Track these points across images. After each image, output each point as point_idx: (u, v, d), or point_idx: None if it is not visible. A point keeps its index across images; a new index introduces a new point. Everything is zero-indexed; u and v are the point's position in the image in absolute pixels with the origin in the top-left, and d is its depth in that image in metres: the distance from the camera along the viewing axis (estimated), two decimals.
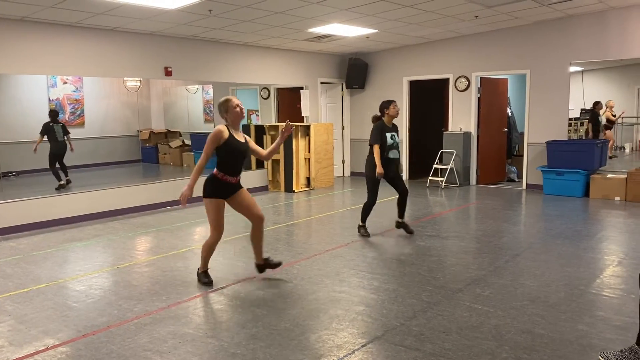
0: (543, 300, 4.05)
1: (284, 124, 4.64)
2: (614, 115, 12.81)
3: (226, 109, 4.35)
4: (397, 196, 6.23)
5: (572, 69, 9.84)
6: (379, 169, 5.86)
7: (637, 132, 14.67)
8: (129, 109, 14.47)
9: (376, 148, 5.90)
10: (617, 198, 8.27)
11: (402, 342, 3.36)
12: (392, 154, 6.01)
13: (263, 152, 4.65)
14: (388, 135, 5.97)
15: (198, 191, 4.43)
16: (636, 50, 8.34)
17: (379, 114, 6.09)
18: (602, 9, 8.31)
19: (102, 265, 5.26)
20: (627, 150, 14.45)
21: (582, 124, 12.76)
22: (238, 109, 4.35)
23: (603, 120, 12.10)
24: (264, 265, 4.74)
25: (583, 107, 13.31)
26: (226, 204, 4.54)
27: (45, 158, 9.49)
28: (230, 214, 4.67)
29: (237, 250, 5.68)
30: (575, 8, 8.15)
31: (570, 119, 10.43)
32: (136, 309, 4.02)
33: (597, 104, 11.74)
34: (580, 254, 5.31)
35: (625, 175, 8.27)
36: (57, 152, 9.50)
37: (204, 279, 4.56)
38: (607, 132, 12.37)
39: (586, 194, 8.60)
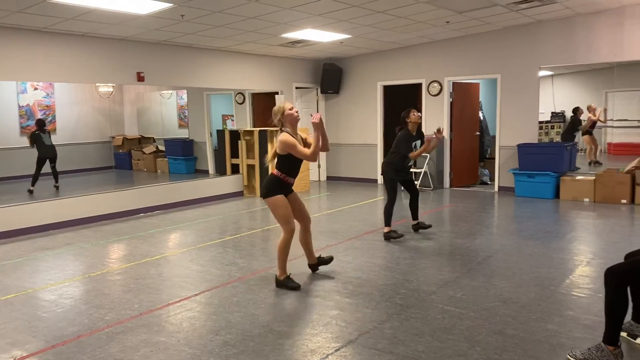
0: (514, 301, 4.11)
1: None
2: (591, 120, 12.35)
3: (282, 113, 4.46)
4: (409, 199, 6.57)
5: (542, 73, 10.05)
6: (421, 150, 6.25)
7: (606, 135, 15.01)
8: (102, 114, 14.28)
9: (412, 154, 6.23)
10: (587, 199, 8.46)
11: (375, 345, 3.38)
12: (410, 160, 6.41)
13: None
14: (414, 143, 6.27)
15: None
16: (602, 55, 8.56)
17: (402, 125, 6.25)
18: (569, 14, 8.51)
19: (73, 274, 5.17)
20: (597, 153, 14.77)
21: (552, 127, 13.00)
22: (293, 111, 4.48)
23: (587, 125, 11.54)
24: (317, 264, 4.96)
25: (554, 111, 13.57)
26: None
27: (17, 166, 9.34)
28: (203, 220, 4.61)
29: (211, 257, 5.64)
30: (544, 14, 8.33)
31: (541, 123, 10.63)
32: (107, 317, 3.96)
33: (577, 110, 11.40)
34: (550, 255, 5.41)
35: (594, 177, 8.47)
36: (47, 156, 9.85)
37: (290, 284, 4.49)
38: (587, 137, 11.58)
39: (557, 195, 8.77)
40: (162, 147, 13.82)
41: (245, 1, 6.31)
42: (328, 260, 5.02)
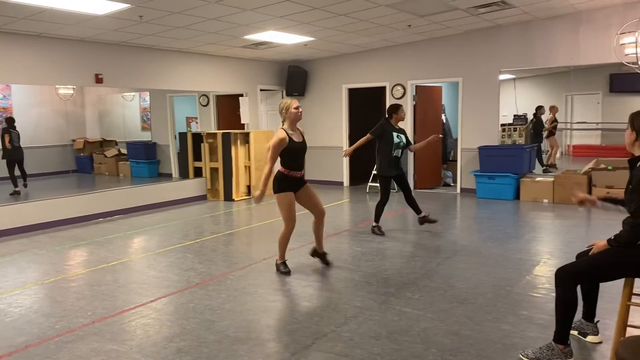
0: (471, 302, 4.15)
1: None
2: (555, 120, 12.46)
3: (287, 110, 4.74)
4: (403, 196, 6.66)
5: (505, 76, 10.25)
6: (347, 151, 6.64)
7: (566, 137, 15.38)
8: (62, 117, 13.94)
9: (367, 137, 6.43)
10: (546, 200, 8.64)
11: (331, 349, 3.36)
12: (396, 153, 6.44)
13: None
14: (394, 134, 6.36)
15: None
16: (559, 59, 8.77)
17: (388, 117, 6.50)
18: (527, 19, 8.69)
19: (24, 282, 5.00)
20: (558, 155, 15.12)
21: (515, 130, 13.26)
22: (296, 110, 4.76)
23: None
24: (319, 254, 5.21)
25: (516, 113, 13.85)
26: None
27: None
28: (164, 224, 4.52)
29: (170, 262, 5.54)
30: (503, 18, 8.48)
31: (503, 125, 10.81)
32: (58, 326, 3.84)
33: (540, 109, 11.39)
34: (508, 256, 5.50)
35: (553, 179, 8.66)
36: (15, 158, 9.94)
37: (283, 269, 4.95)
38: (552, 138, 11.64)
39: (517, 196, 8.94)
40: (124, 150, 13.56)
41: (204, 2, 6.23)
42: (325, 262, 5.20)
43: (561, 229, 6.81)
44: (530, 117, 12.30)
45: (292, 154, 4.75)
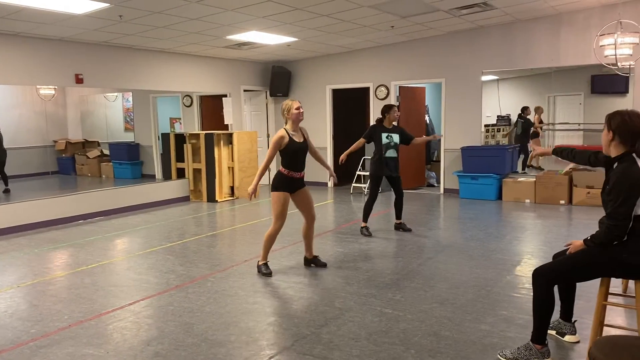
0: (451, 302, 4.16)
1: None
2: (541, 122, 12.05)
3: (288, 110, 4.84)
4: (394, 199, 6.72)
5: (488, 77, 10.30)
6: (343, 156, 6.51)
7: (549, 138, 15.52)
8: (44, 118, 13.74)
9: (360, 141, 6.58)
10: (527, 200, 8.70)
11: (310, 351, 3.34)
12: (388, 153, 6.47)
13: (317, 154, 5.17)
14: (383, 135, 6.46)
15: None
16: (540, 60, 8.85)
17: (381, 117, 6.59)
18: (509, 20, 8.75)
19: (0, 285, 4.91)
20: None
21: (499, 130, 13.33)
22: (297, 111, 4.83)
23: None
24: (311, 260, 5.25)
25: (500, 114, 13.94)
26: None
27: None
28: (146, 226, 4.47)
29: (150, 265, 5.48)
30: (485, 20, 8.53)
31: (487, 126, 10.88)
32: (33, 330, 3.77)
33: (525, 109, 11.35)
34: (489, 256, 5.52)
35: (534, 179, 8.73)
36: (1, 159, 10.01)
37: (265, 270, 4.95)
38: (536, 140, 11.25)
39: (499, 197, 9.00)
40: (107, 151, 13.42)
41: (185, 2, 6.18)
42: (322, 264, 5.22)
43: (542, 228, 6.86)
44: (513, 118, 12.37)
45: (292, 154, 4.82)
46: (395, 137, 6.52)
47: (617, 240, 2.80)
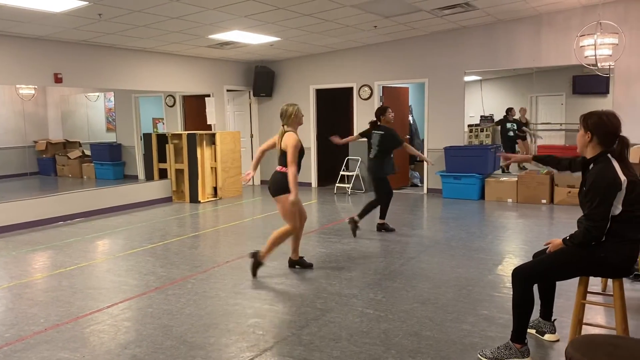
0: (433, 302, 4.15)
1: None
2: (525, 123, 11.86)
3: (296, 115, 4.91)
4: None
5: (471, 78, 10.35)
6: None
7: (530, 138, 15.64)
8: (23, 118, 13.51)
9: (407, 145, 6.75)
10: (510, 200, 8.76)
11: (290, 353, 3.31)
12: (371, 154, 6.64)
13: None
14: (373, 134, 6.57)
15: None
16: (522, 61, 8.92)
17: (374, 119, 6.66)
18: (491, 21, 8.80)
19: None
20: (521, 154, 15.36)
21: (482, 130, 13.40)
22: (301, 116, 5.00)
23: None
24: (296, 261, 5.18)
25: (483, 114, 14.02)
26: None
27: None
28: (127, 227, 4.40)
29: (130, 266, 5.41)
30: (467, 20, 8.57)
31: (471, 126, 10.92)
32: (7, 334, 3.69)
33: (510, 110, 11.31)
34: (471, 255, 5.53)
35: (516, 179, 8.78)
36: None
37: (254, 268, 4.91)
38: (521, 141, 11.42)
39: (482, 196, 9.04)
40: (88, 152, 13.25)
41: (166, 1, 6.11)
42: (307, 265, 5.17)
43: (523, 228, 6.90)
44: (496, 118, 12.40)
45: (302, 157, 4.82)
46: (376, 138, 6.57)
47: (595, 240, 2.80)
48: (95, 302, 4.34)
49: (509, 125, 10.99)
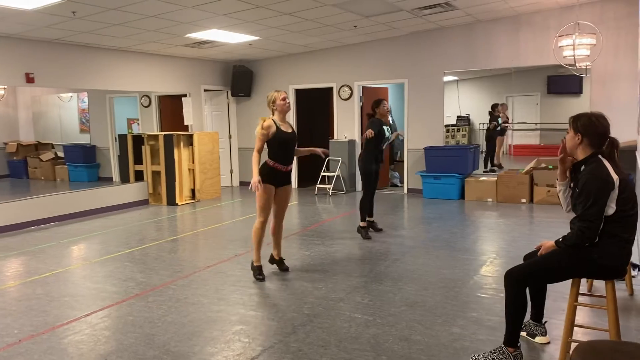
0: (420, 305, 4.10)
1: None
2: (507, 121, 12.12)
3: (273, 101, 4.76)
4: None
5: (448, 78, 10.37)
6: (369, 133, 6.16)
7: (507, 137, 15.80)
8: None
9: (370, 132, 6.20)
10: (489, 199, 8.79)
11: None
12: (383, 147, 6.44)
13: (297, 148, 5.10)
14: (385, 128, 6.33)
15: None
16: (500, 61, 8.96)
17: (371, 114, 6.43)
18: (470, 21, 8.82)
19: None
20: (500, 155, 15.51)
21: (459, 130, 13.48)
22: (283, 101, 4.74)
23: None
24: (276, 261, 5.10)
25: (459, 115, 14.11)
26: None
27: None
28: (103, 231, 4.24)
29: (108, 272, 5.24)
30: (447, 20, 8.57)
31: (447, 126, 10.94)
32: None
33: (495, 107, 11.34)
34: (455, 256, 5.51)
35: (496, 178, 8.82)
36: None
37: (257, 275, 4.81)
38: (500, 138, 11.59)
39: (462, 196, 9.06)
40: (61, 154, 12.91)
41: None
42: (284, 268, 5.09)
43: (505, 227, 6.92)
44: (473, 118, 12.49)
45: (280, 144, 4.70)
46: (388, 130, 6.48)
47: (589, 241, 2.78)
48: (73, 310, 4.18)
49: (500, 120, 11.08)
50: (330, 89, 10.55)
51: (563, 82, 12.45)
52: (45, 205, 7.90)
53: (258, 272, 4.82)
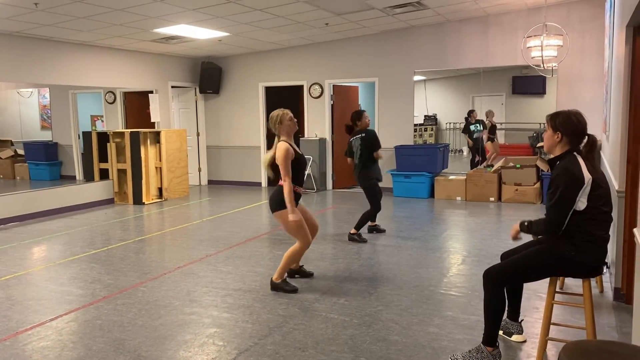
0: (396, 304, 4.08)
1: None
2: (492, 126, 11.44)
3: (281, 121, 4.36)
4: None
5: (416, 77, 10.42)
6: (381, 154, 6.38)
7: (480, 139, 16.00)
8: None
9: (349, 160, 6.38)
10: (459, 198, 8.88)
11: None
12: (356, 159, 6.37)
13: None
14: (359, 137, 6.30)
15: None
16: (469, 61, 9.05)
17: (350, 123, 6.38)
18: (440, 21, 8.88)
19: None
20: (465, 154, 15.73)
21: (426, 130, 13.59)
22: (292, 121, 4.41)
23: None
24: (296, 271, 4.82)
25: (427, 114, 14.24)
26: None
27: None
28: (66, 231, 4.07)
29: (73, 274, 5.05)
30: (417, 19, 8.61)
31: (415, 125, 10.97)
32: None
33: (472, 112, 11.22)
34: (428, 254, 5.52)
35: (465, 177, 8.91)
36: None
37: (287, 287, 4.45)
38: (490, 143, 11.03)
39: (432, 195, 9.13)
40: (21, 151, 12.46)
41: None
42: (307, 274, 4.86)
43: (475, 226, 6.98)
44: (440, 118, 12.58)
45: (297, 167, 4.38)
46: (357, 143, 6.34)
47: (553, 233, 2.81)
48: (37, 314, 4.00)
49: (472, 127, 11.04)
50: (301, 87, 10.48)
51: (527, 83, 12.68)
52: (5, 205, 7.59)
53: (286, 285, 4.46)
